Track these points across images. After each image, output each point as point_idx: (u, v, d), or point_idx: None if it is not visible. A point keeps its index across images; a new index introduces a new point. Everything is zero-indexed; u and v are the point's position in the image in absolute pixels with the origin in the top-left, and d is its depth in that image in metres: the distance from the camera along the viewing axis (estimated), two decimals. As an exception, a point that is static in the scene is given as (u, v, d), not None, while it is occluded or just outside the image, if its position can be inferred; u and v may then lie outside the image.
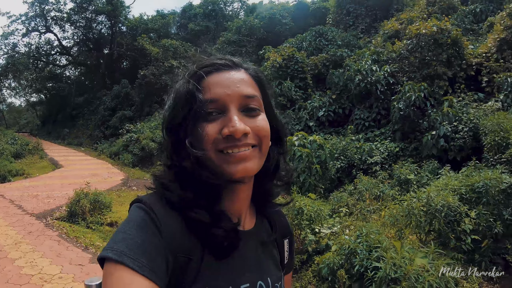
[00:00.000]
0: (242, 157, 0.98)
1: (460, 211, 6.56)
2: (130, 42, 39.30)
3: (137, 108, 33.32)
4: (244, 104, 1.02)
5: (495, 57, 14.61)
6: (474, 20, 20.76)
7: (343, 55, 20.34)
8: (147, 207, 0.95)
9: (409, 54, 15.97)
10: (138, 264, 0.84)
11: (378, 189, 10.04)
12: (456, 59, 14.77)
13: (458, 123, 11.97)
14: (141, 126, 27.12)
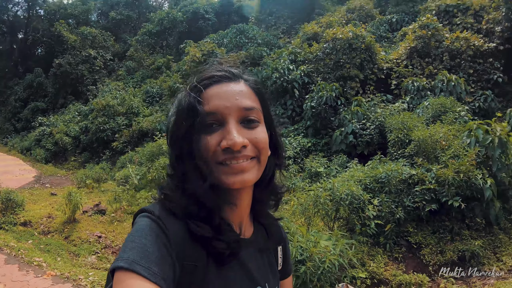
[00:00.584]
0: (241, 169, 0.99)
1: (363, 199, 7.14)
2: (47, 27, 36.61)
3: (50, 99, 31.44)
4: (243, 116, 1.02)
5: (405, 63, 15.42)
6: (390, 28, 21.67)
7: (262, 53, 20.33)
8: (154, 216, 0.97)
9: (325, 56, 16.31)
10: (150, 272, 0.84)
11: (290, 181, 10.41)
12: (368, 63, 15.29)
13: (366, 121, 12.58)
14: (54, 119, 25.80)
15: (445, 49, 15.51)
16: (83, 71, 29.13)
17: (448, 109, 11.19)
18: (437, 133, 9.28)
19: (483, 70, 15.27)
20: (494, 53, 15.76)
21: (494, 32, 16.89)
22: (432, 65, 15.24)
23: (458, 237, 7.63)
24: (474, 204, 7.76)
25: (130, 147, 19.38)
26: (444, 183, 7.75)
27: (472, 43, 15.50)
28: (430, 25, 15.94)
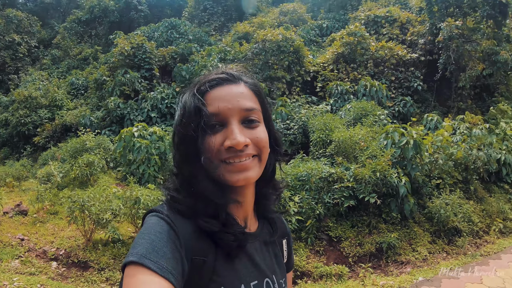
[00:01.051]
0: (243, 167, 1.04)
1: (284, 197, 7.37)
2: (-33, 7, 33.49)
3: (-32, 89, 28.67)
4: (244, 116, 1.07)
5: (331, 67, 15.69)
6: (320, 33, 22.07)
7: (192, 49, 19.91)
8: (163, 215, 1.01)
9: (254, 56, 16.24)
10: (158, 266, 0.88)
11: None
12: (296, 65, 15.43)
13: (290, 121, 12.66)
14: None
15: (370, 56, 16.00)
16: (5, 57, 26.96)
17: (369, 112, 11.50)
18: (357, 135, 9.61)
19: (405, 78, 15.94)
20: (415, 63, 16.49)
21: (417, 43, 17.71)
22: (356, 70, 15.65)
23: (376, 231, 8.07)
24: (390, 200, 8.25)
25: (53, 142, 17.96)
26: (361, 181, 8.09)
27: (396, 53, 16.13)
28: (357, 33, 16.35)
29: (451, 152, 9.98)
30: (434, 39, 17.16)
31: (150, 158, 10.59)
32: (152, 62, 19.19)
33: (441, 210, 8.27)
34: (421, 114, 14.35)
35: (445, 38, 16.27)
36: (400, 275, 6.92)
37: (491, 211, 9.60)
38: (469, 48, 16.54)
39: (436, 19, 17.61)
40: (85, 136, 13.06)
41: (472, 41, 16.81)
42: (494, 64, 16.29)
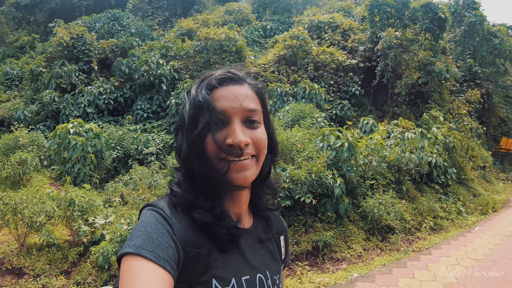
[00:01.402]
0: (242, 166, 1.06)
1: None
2: None
3: None
4: (246, 116, 1.09)
5: (272, 69, 15.68)
6: (263, 35, 22.15)
7: (134, 43, 19.37)
8: (158, 209, 1.04)
9: (196, 54, 16.02)
10: (155, 255, 0.91)
11: (152, 178, 10.15)
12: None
13: None
14: None
15: (311, 60, 16.24)
16: None
17: (307, 114, 11.58)
18: (294, 136, 9.67)
19: (343, 82, 16.31)
20: (355, 68, 16.93)
21: (357, 50, 18.20)
22: (297, 73, 15.80)
23: (312, 229, 8.19)
24: (326, 200, 8.43)
25: (-17, 138, 16.89)
26: (297, 182, 8.14)
27: (336, 58, 16.48)
28: (300, 37, 16.52)
29: (385, 154, 10.37)
30: (373, 47, 17.72)
31: (86, 156, 10.27)
32: (92, 54, 18.41)
33: (374, 209, 8.60)
34: (357, 117, 14.74)
35: (384, 47, 16.82)
36: (336, 271, 7.05)
37: (422, 210, 10.19)
38: (406, 57, 17.18)
39: (377, 28, 18.19)
40: (18, 132, 12.25)
41: (409, 51, 17.46)
42: (430, 74, 17.05)
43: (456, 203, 11.90)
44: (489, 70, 25.84)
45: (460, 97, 21.24)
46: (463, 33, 25.36)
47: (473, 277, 6.68)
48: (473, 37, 24.97)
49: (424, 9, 18.19)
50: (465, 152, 15.58)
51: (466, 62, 24.67)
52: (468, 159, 16.01)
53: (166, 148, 13.17)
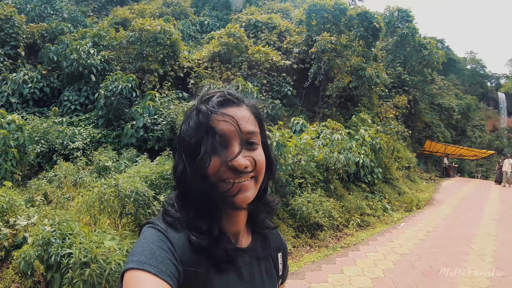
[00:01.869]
0: (243, 187, 1.06)
1: (148, 196, 7.06)
2: None
3: None
4: (245, 139, 1.09)
5: (206, 65, 15.58)
6: (200, 30, 21.94)
7: (65, 29, 18.51)
8: (159, 227, 1.05)
9: (129, 45, 15.58)
10: (158, 270, 0.92)
11: (78, 175, 9.67)
12: (171, 59, 15.06)
13: (158, 116, 12.21)
14: None
15: (245, 58, 16.23)
16: None
17: None
18: None
19: (276, 82, 16.49)
20: (288, 69, 17.19)
21: (292, 52, 18.50)
22: (230, 71, 15.74)
23: None
24: None
25: None
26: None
27: (271, 58, 16.61)
28: (236, 34, 16.50)
29: (313, 154, 10.56)
30: (308, 50, 18.11)
31: (7, 150, 9.55)
32: (20, 38, 17.13)
33: (303, 207, 8.76)
34: (289, 117, 14.96)
35: (319, 50, 17.24)
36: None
37: (350, 207, 10.55)
38: (339, 62, 17.69)
39: (313, 32, 18.61)
40: None
41: (343, 56, 17.99)
42: (360, 78, 17.67)
43: (382, 201, 12.43)
44: (417, 79, 27.25)
45: (388, 102, 22.18)
46: (395, 43, 26.56)
47: (400, 271, 6.96)
48: (404, 47, 26.21)
49: (360, 18, 18.85)
50: (391, 153, 16.32)
51: (396, 70, 25.89)
52: (393, 160, 16.81)
53: (93, 143, 12.61)
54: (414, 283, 6.42)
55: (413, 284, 6.40)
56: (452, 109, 38.50)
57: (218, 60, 15.95)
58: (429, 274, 6.90)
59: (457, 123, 40.85)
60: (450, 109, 38.21)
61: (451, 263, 7.56)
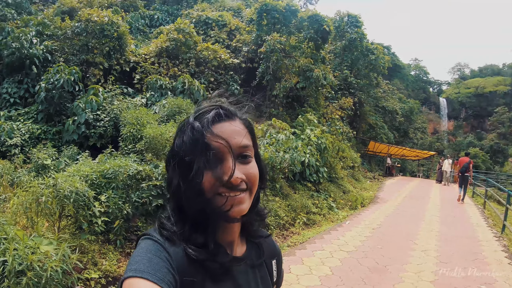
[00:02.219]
0: (238, 201, 1.08)
1: (88, 196, 6.80)
2: None
3: None
4: (239, 153, 1.10)
5: (152, 60, 15.35)
6: (149, 24, 21.62)
7: (8, 16, 17.66)
8: (156, 238, 1.08)
9: (74, 35, 15.11)
10: (156, 277, 0.93)
11: (15, 174, 9.34)
12: (116, 52, 14.72)
13: (101, 112, 11.79)
14: None
15: (193, 55, 16.14)
16: None
17: (183, 110, 11.41)
18: (168, 132, 9.38)
19: (224, 80, 16.50)
20: (236, 68, 17.25)
21: (241, 50, 18.57)
22: (178, 67, 15.59)
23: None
24: None
25: None
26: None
27: (219, 56, 16.60)
28: (186, 30, 16.38)
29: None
30: (257, 49, 18.23)
31: None
32: None
33: None
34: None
35: (268, 50, 17.40)
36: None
37: (296, 206, 10.68)
38: (287, 62, 17.97)
39: (263, 32, 18.76)
40: None
41: (291, 57, 18.28)
42: (308, 79, 17.98)
43: (327, 200, 12.72)
44: (363, 82, 28.14)
45: (335, 103, 22.74)
46: (344, 47, 27.25)
47: (347, 268, 7.10)
48: (352, 52, 26.98)
49: (311, 20, 19.17)
50: (336, 153, 16.80)
51: (343, 73, 26.58)
52: (338, 160, 17.31)
53: (32, 140, 12.03)
54: (362, 280, 6.59)
55: (360, 280, 6.56)
56: (395, 112, 39.91)
57: (165, 55, 15.74)
58: (376, 270, 7.09)
59: (400, 125, 42.40)
60: (394, 112, 39.59)
61: (397, 259, 7.86)
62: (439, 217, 12.96)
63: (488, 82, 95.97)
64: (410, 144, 46.84)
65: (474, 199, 19.36)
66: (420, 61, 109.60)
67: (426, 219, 12.44)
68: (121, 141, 10.34)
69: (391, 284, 6.53)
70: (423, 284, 6.58)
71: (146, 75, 14.45)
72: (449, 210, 14.84)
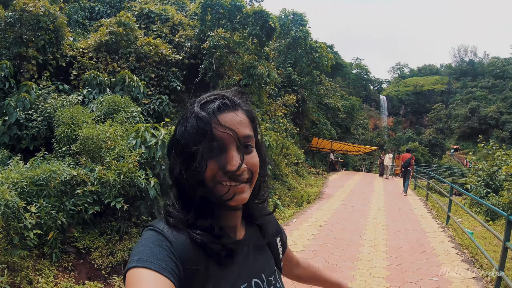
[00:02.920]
0: (239, 190, 1.11)
1: (18, 207, 6.29)
2: None
3: None
4: (242, 142, 1.11)
5: (91, 55, 14.81)
6: (90, 16, 20.90)
7: None
8: (158, 229, 1.08)
9: (7, 26, 14.30)
10: (158, 266, 0.95)
11: None
12: (53, 46, 14.04)
13: (34, 111, 11.04)
14: None
15: (134, 50, 15.72)
16: None
17: (122, 108, 11.03)
18: (104, 132, 8.91)
19: (165, 76, 16.22)
20: (179, 64, 17.01)
21: (184, 46, 18.33)
22: (117, 62, 15.11)
23: (127, 236, 7.69)
24: (140, 203, 7.96)
25: None
26: (106, 184, 7.54)
27: (161, 51, 16.28)
28: (127, 24, 15.93)
29: None
30: (200, 45, 18.04)
31: None
32: None
33: None
34: (176, 114, 14.85)
35: (211, 46, 17.25)
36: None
37: None
38: (231, 59, 17.94)
39: (207, 27, 18.61)
40: None
41: (235, 53, 18.27)
42: (252, 77, 18.05)
43: (272, 198, 12.78)
44: (306, 79, 28.64)
45: (278, 101, 22.97)
46: (288, 44, 27.60)
47: None
48: (296, 49, 27.38)
49: (256, 16, 19.22)
50: (280, 150, 16.97)
51: (287, 70, 26.92)
52: (283, 157, 17.52)
53: None
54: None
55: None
56: (338, 108, 40.95)
57: (105, 50, 15.17)
58: (327, 270, 6.89)
59: (342, 122, 43.64)
60: (336, 108, 40.63)
61: (347, 257, 7.94)
62: (384, 211, 13.40)
63: (427, 81, 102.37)
64: (352, 139, 48.24)
65: (417, 191, 20.29)
66: (361, 60, 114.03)
67: (372, 213, 12.80)
68: (55, 142, 9.76)
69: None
70: (375, 280, 6.68)
71: (84, 71, 13.90)
72: (393, 203, 15.42)
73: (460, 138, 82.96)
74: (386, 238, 9.58)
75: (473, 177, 16.78)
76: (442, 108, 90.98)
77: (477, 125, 78.46)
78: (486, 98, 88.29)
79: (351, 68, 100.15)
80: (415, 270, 7.25)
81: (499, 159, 15.55)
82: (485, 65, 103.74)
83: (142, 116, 11.81)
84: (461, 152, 77.47)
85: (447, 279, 6.84)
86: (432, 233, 10.36)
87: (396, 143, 76.26)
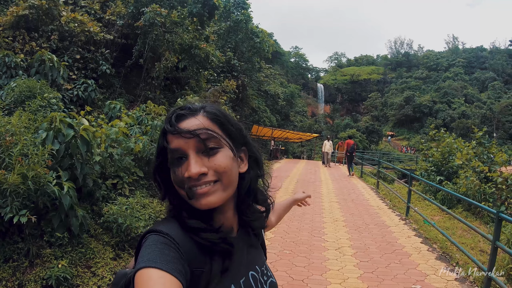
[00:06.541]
0: (203, 193, 1.10)
1: None
2: None
3: None
4: (201, 147, 1.11)
5: (7, 33, 12.84)
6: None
7: None
8: (163, 234, 1.07)
9: None
10: (168, 267, 0.95)
11: None
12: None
13: None
14: None
15: (57, 27, 13.92)
16: None
17: (37, 93, 9.44)
18: (16, 126, 6.71)
19: (93, 58, 14.53)
20: (108, 44, 15.41)
21: (115, 24, 16.66)
22: (37, 41, 13.32)
23: (40, 260, 5.63)
24: (52, 215, 5.93)
25: None
26: (6, 193, 5.48)
27: (88, 29, 14.57)
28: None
29: (129, 145, 8.94)
30: (134, 23, 16.41)
31: None
32: None
33: (119, 218, 6.82)
34: (105, 100, 13.32)
35: (146, 24, 15.70)
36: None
37: None
38: (169, 38, 16.59)
39: (141, 4, 16.93)
40: None
41: (173, 32, 16.90)
42: (193, 58, 17.00)
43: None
44: (246, 65, 27.84)
45: (217, 86, 22.05)
46: (228, 28, 26.71)
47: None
48: (236, 34, 26.47)
49: (198, -7, 17.89)
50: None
51: (226, 55, 25.95)
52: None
53: None
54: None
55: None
56: (277, 95, 40.80)
57: (23, 27, 13.31)
58: (289, 286, 5.98)
59: (282, 109, 43.68)
60: (276, 95, 40.47)
61: (312, 267, 6.86)
62: (338, 203, 12.87)
63: (363, 71, 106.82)
64: (291, 126, 48.60)
65: (364, 179, 20.13)
66: (300, 49, 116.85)
67: (326, 207, 12.16)
68: None
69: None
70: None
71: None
72: (345, 193, 15.06)
73: (395, 125, 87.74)
74: (350, 238, 8.76)
75: (422, 164, 16.82)
76: (378, 97, 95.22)
77: (412, 113, 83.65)
78: (420, 88, 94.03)
79: (289, 56, 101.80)
80: (392, 277, 6.42)
81: (449, 146, 15.61)
82: (420, 57, 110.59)
83: (63, 104, 10.31)
84: (397, 139, 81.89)
85: (430, 284, 6.19)
86: (395, 227, 9.81)
87: (334, 130, 78.36)
